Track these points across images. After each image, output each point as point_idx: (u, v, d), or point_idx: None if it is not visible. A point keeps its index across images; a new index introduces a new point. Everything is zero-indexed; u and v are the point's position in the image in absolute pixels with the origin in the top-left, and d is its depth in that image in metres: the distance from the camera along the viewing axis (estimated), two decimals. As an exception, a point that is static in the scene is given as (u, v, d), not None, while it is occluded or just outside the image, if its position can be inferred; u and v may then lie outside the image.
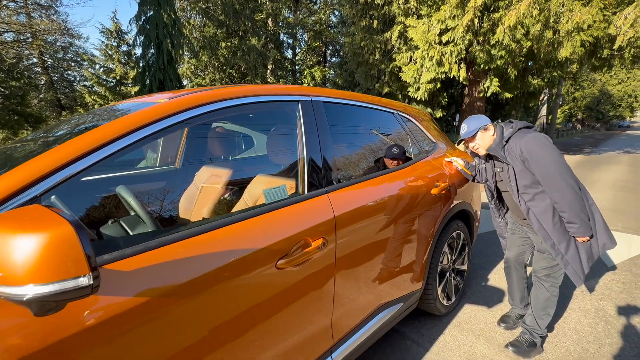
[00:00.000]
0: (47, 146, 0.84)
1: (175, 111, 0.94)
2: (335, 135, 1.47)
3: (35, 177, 0.71)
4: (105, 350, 0.69)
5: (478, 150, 1.88)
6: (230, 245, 0.92)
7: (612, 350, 1.88)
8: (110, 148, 0.81)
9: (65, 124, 1.21)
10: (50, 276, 0.50)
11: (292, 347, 1.15)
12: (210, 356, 0.88)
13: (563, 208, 1.62)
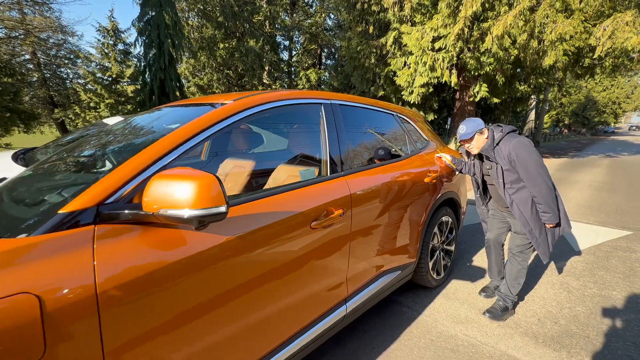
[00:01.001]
0: (160, 133, 1.18)
1: (241, 109, 1.30)
2: (349, 131, 1.84)
3: (159, 154, 1.05)
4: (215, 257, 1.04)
5: (472, 150, 2.15)
6: (287, 206, 1.28)
7: (570, 311, 2.29)
8: (202, 135, 1.16)
9: (166, 115, 1.54)
10: (203, 205, 0.85)
11: (322, 292, 1.50)
12: (273, 282, 1.23)
13: (539, 200, 1.98)
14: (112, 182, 0.94)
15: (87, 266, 0.82)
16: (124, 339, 0.87)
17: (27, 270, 0.76)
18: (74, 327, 0.79)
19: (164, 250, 0.96)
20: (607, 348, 1.92)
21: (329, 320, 1.57)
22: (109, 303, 0.83)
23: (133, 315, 0.88)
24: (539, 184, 1.96)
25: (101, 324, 0.82)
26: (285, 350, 1.34)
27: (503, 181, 2.07)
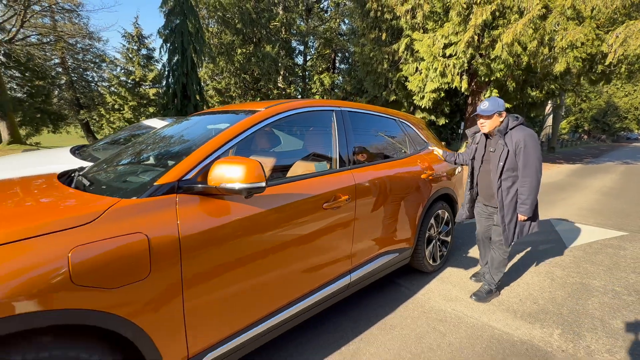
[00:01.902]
0: (211, 134, 1.59)
1: (271, 115, 1.71)
2: (355, 133, 2.22)
3: (207, 153, 1.45)
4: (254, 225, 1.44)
5: (484, 127, 2.28)
6: (305, 190, 1.68)
7: (550, 295, 2.59)
8: (246, 133, 1.57)
9: (213, 117, 1.97)
10: (250, 180, 1.25)
11: (331, 261, 1.88)
12: (294, 247, 1.62)
13: (524, 191, 2.17)
14: (185, 165, 1.35)
15: (173, 220, 1.23)
16: (194, 270, 1.27)
17: (139, 218, 1.17)
18: (166, 259, 1.19)
19: (217, 214, 1.36)
20: (575, 322, 2.22)
21: (336, 285, 1.95)
22: (186, 245, 1.24)
23: (198, 254, 1.28)
24: (531, 175, 2.15)
25: (181, 258, 1.23)
26: (304, 301, 1.73)
27: (503, 164, 2.20)
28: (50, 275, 0.95)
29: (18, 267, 0.91)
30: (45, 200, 1.28)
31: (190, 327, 1.29)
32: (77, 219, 1.07)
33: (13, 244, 0.93)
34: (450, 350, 1.94)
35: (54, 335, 1.01)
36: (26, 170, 2.72)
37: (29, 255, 0.94)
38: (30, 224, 1.01)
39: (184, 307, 1.26)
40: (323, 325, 2.15)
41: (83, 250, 1.02)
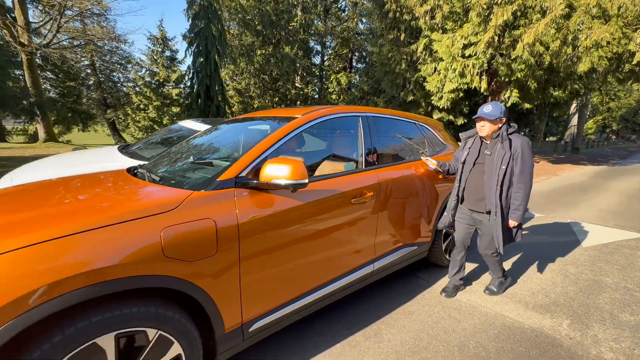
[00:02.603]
0: (261, 136, 1.86)
1: (308, 120, 1.96)
2: (379, 136, 2.45)
3: (257, 154, 1.72)
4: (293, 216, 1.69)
5: (482, 130, 2.30)
6: (337, 186, 1.93)
7: (562, 289, 2.73)
8: (286, 139, 1.83)
9: (260, 123, 2.25)
10: (295, 177, 1.51)
11: (357, 250, 2.12)
12: (326, 236, 1.87)
13: (519, 197, 2.23)
14: (241, 164, 1.63)
15: (233, 209, 1.51)
16: (248, 251, 1.54)
17: (208, 207, 1.45)
18: (228, 240, 1.47)
19: (265, 206, 1.63)
20: (586, 314, 2.37)
21: (361, 272, 2.19)
22: (242, 230, 1.51)
23: (251, 238, 1.55)
24: (526, 182, 2.23)
25: (239, 240, 1.50)
26: (334, 285, 1.98)
27: (506, 167, 2.22)
28: (150, 248, 1.24)
29: (130, 241, 1.21)
30: (135, 191, 1.58)
31: (244, 298, 1.57)
32: (164, 206, 1.36)
33: (125, 223, 1.23)
34: (464, 334, 2.15)
35: (144, 296, 1.31)
36: (89, 166, 3.09)
37: (136, 231, 1.23)
38: (133, 208, 1.31)
39: (240, 281, 1.53)
40: (348, 309, 2.40)
41: (170, 230, 1.31)
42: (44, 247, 1.07)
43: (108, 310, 1.18)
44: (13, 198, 1.57)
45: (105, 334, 1.17)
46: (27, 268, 1.03)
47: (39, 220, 1.22)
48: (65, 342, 1.09)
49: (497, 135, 2.30)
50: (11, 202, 1.51)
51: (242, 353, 1.78)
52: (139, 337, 1.26)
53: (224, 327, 1.52)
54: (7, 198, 1.58)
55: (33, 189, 1.73)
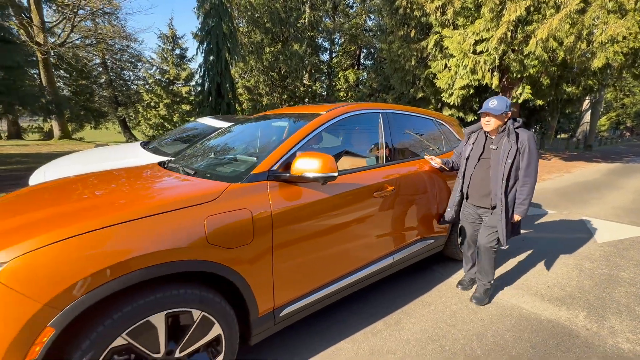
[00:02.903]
0: (290, 131, 1.95)
1: (333, 117, 2.04)
2: (399, 132, 2.52)
3: (287, 149, 1.80)
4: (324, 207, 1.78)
5: (488, 125, 2.26)
6: (359, 180, 2.01)
7: (577, 283, 2.77)
8: (313, 134, 1.92)
9: (286, 119, 2.34)
10: (326, 171, 1.59)
11: (378, 242, 2.20)
12: (350, 227, 1.96)
13: (524, 191, 2.20)
14: (272, 159, 1.72)
15: (266, 200, 1.60)
16: (280, 240, 1.63)
17: (244, 198, 1.54)
18: (263, 229, 1.56)
19: (295, 198, 1.72)
20: (602, 307, 2.41)
21: (381, 263, 2.27)
22: (277, 218, 1.60)
23: (283, 227, 1.64)
24: (532, 176, 2.21)
25: (273, 230, 1.60)
26: (356, 275, 2.07)
27: (512, 162, 2.17)
28: (196, 234, 1.34)
29: (180, 227, 1.31)
30: (176, 182, 1.69)
31: (276, 285, 1.67)
32: (206, 196, 1.46)
33: (175, 211, 1.33)
34: (482, 324, 2.21)
35: (189, 280, 1.41)
36: (117, 161, 3.22)
37: (184, 219, 1.34)
38: (179, 198, 1.41)
39: (273, 268, 1.63)
40: (369, 299, 2.48)
41: (212, 219, 1.41)
42: (106, 232, 1.18)
43: (159, 291, 1.29)
44: (70, 188, 1.69)
45: (157, 313, 1.28)
46: (95, 249, 1.14)
47: (101, 207, 1.33)
48: (124, 318, 1.20)
49: (502, 130, 2.27)
50: (70, 192, 1.63)
51: (271, 337, 1.88)
52: (185, 317, 1.37)
53: (258, 311, 1.62)
54: (63, 189, 1.70)
55: (83, 181, 1.85)
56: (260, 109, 19.03)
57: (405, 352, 1.92)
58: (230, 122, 3.94)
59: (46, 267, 1.07)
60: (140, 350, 1.27)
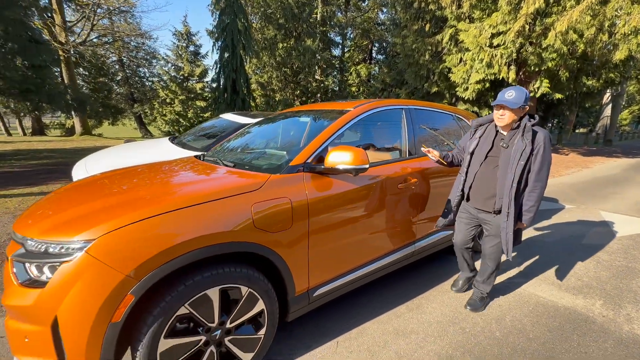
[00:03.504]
0: (319, 128, 2.09)
1: (360, 112, 2.18)
2: (420, 127, 2.63)
3: (320, 143, 1.95)
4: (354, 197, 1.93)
5: (502, 119, 2.00)
6: (385, 172, 2.14)
7: (595, 274, 2.84)
8: (343, 129, 2.05)
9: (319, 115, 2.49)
10: (358, 163, 1.73)
11: (401, 231, 2.34)
12: (377, 216, 2.10)
13: (533, 197, 1.98)
14: (307, 152, 1.87)
15: (303, 190, 1.75)
16: (315, 226, 1.79)
17: (284, 188, 1.70)
18: (300, 216, 1.72)
19: (327, 188, 1.86)
20: (619, 296, 2.49)
21: (404, 251, 2.40)
22: (313, 206, 1.76)
23: (318, 215, 1.79)
24: (543, 180, 1.99)
25: (309, 216, 1.75)
26: (381, 261, 2.21)
27: (525, 163, 1.94)
28: (245, 218, 1.51)
29: (232, 212, 1.48)
30: (221, 173, 1.86)
31: (311, 267, 1.82)
32: (251, 185, 1.62)
33: (227, 198, 1.50)
34: (500, 310, 2.33)
35: (238, 260, 1.58)
36: (152, 155, 3.44)
37: (235, 205, 1.50)
38: (228, 186, 1.58)
39: (308, 252, 1.79)
40: (391, 286, 2.62)
41: (258, 205, 1.57)
42: (173, 215, 1.36)
43: (215, 269, 1.46)
44: (129, 178, 1.88)
45: (213, 287, 1.45)
46: (166, 229, 1.32)
47: (164, 194, 1.51)
48: (186, 291, 1.38)
49: (517, 126, 2.02)
50: (131, 181, 1.82)
51: (304, 319, 2.05)
52: (235, 292, 1.54)
53: (295, 291, 1.78)
54: (123, 178, 1.89)
55: (138, 172, 2.03)
56: (273, 105, 19.22)
57: (428, 333, 2.06)
58: (250, 118, 4.11)
59: (126, 244, 1.25)
60: (199, 319, 1.45)
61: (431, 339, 2.01)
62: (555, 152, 14.43)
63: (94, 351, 1.23)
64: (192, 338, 1.45)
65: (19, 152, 10.06)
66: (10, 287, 1.33)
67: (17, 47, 8.00)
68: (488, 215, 2.17)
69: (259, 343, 1.67)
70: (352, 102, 2.39)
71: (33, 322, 1.24)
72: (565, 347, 1.94)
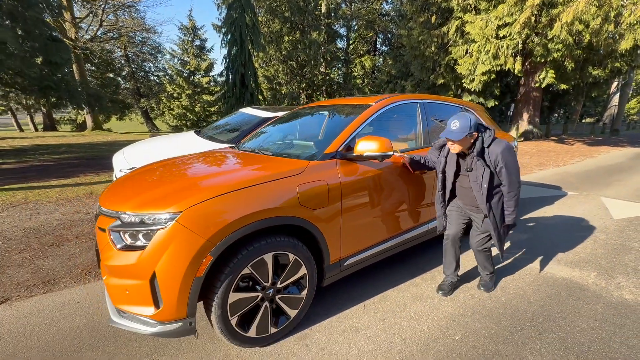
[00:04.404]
0: (345, 122, 2.38)
1: (382, 106, 2.47)
2: (432, 120, 2.91)
3: (349, 134, 2.24)
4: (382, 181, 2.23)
5: (454, 148, 2.12)
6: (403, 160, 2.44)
7: (591, 251, 3.13)
8: (367, 122, 2.35)
9: (343, 109, 2.79)
10: (384, 150, 2.03)
11: (417, 212, 2.64)
12: (398, 195, 2.40)
13: (511, 204, 2.14)
14: (338, 141, 2.17)
15: (336, 174, 2.06)
16: (346, 205, 2.10)
17: (321, 172, 2.01)
18: (335, 197, 2.02)
19: (355, 172, 2.17)
20: (611, 269, 2.79)
21: (419, 230, 2.71)
22: (344, 188, 2.06)
23: (349, 195, 2.10)
24: (515, 189, 2.13)
25: (341, 197, 2.06)
26: (401, 237, 2.53)
27: (487, 186, 2.10)
28: (292, 197, 1.82)
29: (283, 191, 1.79)
30: (266, 160, 2.17)
31: (343, 240, 2.14)
32: (295, 170, 1.93)
33: (279, 180, 1.82)
34: (505, 281, 2.64)
35: (286, 232, 1.90)
36: (184, 147, 3.76)
37: (285, 185, 1.82)
38: (277, 170, 1.89)
39: (341, 227, 2.10)
40: (407, 260, 2.94)
41: (302, 186, 1.88)
42: (240, 192, 1.67)
43: (269, 238, 1.78)
44: (190, 164, 2.21)
45: (268, 253, 1.78)
46: (235, 204, 1.64)
47: (226, 175, 1.83)
48: (249, 255, 1.70)
49: (473, 149, 2.13)
50: (194, 167, 2.16)
51: (334, 286, 2.38)
52: (284, 258, 1.86)
53: (330, 260, 2.10)
54: (185, 164, 2.22)
55: (192, 161, 2.36)
56: (279, 98, 19.43)
57: (441, 298, 2.39)
58: (271, 112, 4.40)
59: (206, 215, 1.57)
60: (257, 278, 1.77)
61: (444, 302, 2.33)
62: (561, 142, 14.55)
63: (183, 299, 1.57)
64: (252, 294, 1.78)
65: (39, 147, 10.47)
66: (110, 251, 1.66)
67: (38, 46, 8.31)
68: (475, 210, 2.31)
69: (301, 302, 2.00)
70: (372, 97, 2.67)
71: (134, 278, 1.58)
72: (561, 309, 2.25)
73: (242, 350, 1.84)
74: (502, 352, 1.84)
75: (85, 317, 2.15)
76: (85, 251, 3.08)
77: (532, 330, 2.03)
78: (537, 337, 1.96)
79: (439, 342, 1.93)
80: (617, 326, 2.07)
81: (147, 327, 1.61)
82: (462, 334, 1.99)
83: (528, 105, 13.99)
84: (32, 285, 2.53)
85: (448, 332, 2.01)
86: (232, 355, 1.81)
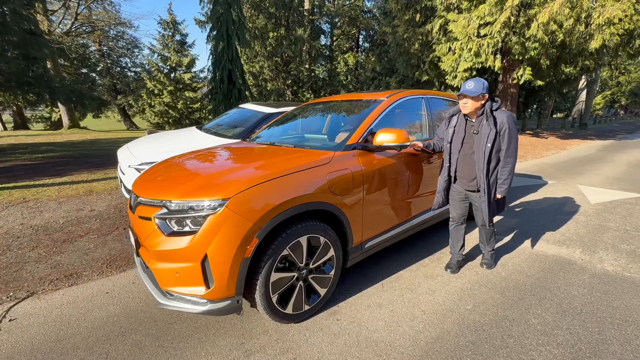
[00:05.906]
0: (361, 117, 2.56)
1: (393, 101, 2.66)
2: (436, 113, 3.14)
3: (367, 126, 2.43)
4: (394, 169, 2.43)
5: (465, 107, 2.28)
6: (413, 150, 2.65)
7: (574, 232, 3.48)
8: (382, 115, 2.54)
9: (359, 105, 2.95)
10: (401, 141, 2.22)
11: (425, 198, 2.87)
12: (409, 182, 2.61)
13: (506, 171, 2.28)
14: (358, 134, 2.35)
15: (358, 163, 2.24)
16: (368, 191, 2.28)
17: (345, 162, 2.18)
18: (358, 184, 2.20)
19: (373, 162, 2.35)
20: (593, 246, 3.13)
21: (426, 215, 2.94)
22: (365, 176, 2.25)
23: (370, 183, 2.29)
24: (513, 156, 2.28)
25: (363, 184, 2.24)
26: (411, 222, 2.75)
27: (492, 145, 2.23)
28: (323, 184, 1.99)
29: (315, 178, 1.96)
30: (294, 152, 2.30)
31: (364, 224, 2.33)
32: (323, 160, 2.10)
33: (311, 169, 1.97)
34: (504, 259, 2.92)
35: (317, 218, 2.07)
36: (191, 143, 3.82)
37: (317, 173, 1.98)
38: (308, 160, 2.05)
39: (363, 212, 2.29)
40: (416, 243, 3.18)
41: (331, 174, 2.05)
42: (278, 180, 1.82)
43: (304, 222, 1.94)
44: (222, 157, 2.32)
45: (303, 236, 1.93)
46: (275, 191, 1.78)
47: (264, 166, 1.97)
48: (287, 238, 1.86)
49: (481, 113, 2.30)
50: (226, 159, 2.28)
51: (353, 268, 2.57)
52: (315, 240, 2.03)
53: (353, 242, 2.29)
54: (220, 156, 2.33)
55: (222, 152, 2.48)
56: (265, 94, 19.34)
57: (450, 276, 2.63)
58: (273, 108, 4.50)
59: (251, 201, 1.71)
60: (294, 259, 1.93)
61: (453, 279, 2.58)
62: (536, 135, 15.39)
63: (232, 279, 1.70)
64: (289, 274, 1.94)
65: (16, 147, 10.02)
66: (157, 238, 1.76)
67: (17, 40, 7.96)
68: (473, 193, 2.48)
69: (330, 281, 2.18)
70: (381, 93, 2.87)
71: (185, 260, 1.69)
72: (555, 280, 2.55)
73: (279, 326, 2.00)
74: (509, 317, 2.09)
75: (119, 306, 2.24)
76: (101, 246, 3.11)
77: (532, 298, 2.30)
78: (538, 304, 2.23)
79: (454, 311, 2.16)
80: (602, 292, 2.38)
81: (197, 306, 1.73)
82: (473, 304, 2.23)
83: (506, 101, 14.68)
84: (56, 279, 2.56)
85: (460, 303, 2.25)
86: (270, 331, 1.97)
